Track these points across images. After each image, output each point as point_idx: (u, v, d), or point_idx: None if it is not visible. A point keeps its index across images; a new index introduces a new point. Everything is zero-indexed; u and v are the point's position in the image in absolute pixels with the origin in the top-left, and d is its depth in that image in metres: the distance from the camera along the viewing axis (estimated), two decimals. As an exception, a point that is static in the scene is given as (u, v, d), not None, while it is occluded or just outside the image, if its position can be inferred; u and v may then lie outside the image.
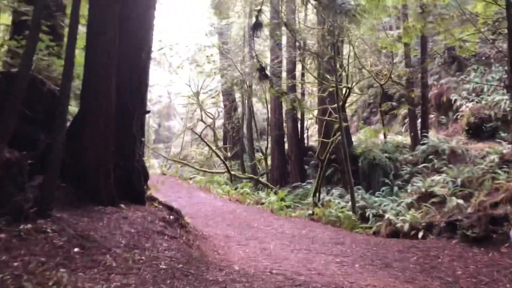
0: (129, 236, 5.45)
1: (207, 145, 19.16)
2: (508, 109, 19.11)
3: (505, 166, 15.55)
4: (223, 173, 18.76)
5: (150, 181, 12.90)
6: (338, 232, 9.97)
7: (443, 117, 22.07)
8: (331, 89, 15.57)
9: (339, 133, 15.92)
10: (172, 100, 28.92)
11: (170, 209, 7.71)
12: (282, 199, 16.24)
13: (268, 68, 19.11)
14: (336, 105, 15.77)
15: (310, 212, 11.91)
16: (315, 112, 18.43)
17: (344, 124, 13.91)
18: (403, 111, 24.51)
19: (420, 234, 14.77)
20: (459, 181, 15.87)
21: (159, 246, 5.44)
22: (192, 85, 26.59)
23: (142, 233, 5.72)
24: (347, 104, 18.99)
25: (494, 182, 15.34)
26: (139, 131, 7.57)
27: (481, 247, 7.46)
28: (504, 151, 15.88)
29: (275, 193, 17.52)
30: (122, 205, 6.74)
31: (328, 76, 15.81)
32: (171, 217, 7.18)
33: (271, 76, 14.13)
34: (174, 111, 34.08)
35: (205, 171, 19.45)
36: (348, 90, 15.74)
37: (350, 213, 11.76)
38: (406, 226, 15.00)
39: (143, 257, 4.80)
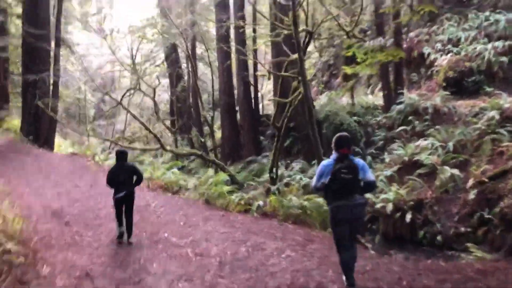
0: None
1: (133, 116, 14.14)
2: (493, 59, 14.70)
3: (508, 125, 11.07)
4: (156, 149, 13.76)
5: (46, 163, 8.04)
6: (307, 244, 5.22)
7: (414, 74, 17.69)
8: (286, 32, 10.61)
9: (299, 91, 11.12)
10: (112, 70, 23.40)
11: None
12: (231, 180, 11.43)
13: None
14: (295, 55, 10.99)
15: (261, 203, 7.15)
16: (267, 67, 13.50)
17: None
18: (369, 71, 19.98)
19: (408, 217, 10.43)
20: (450, 145, 11.36)
21: None
22: (134, 53, 21.21)
23: None
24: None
25: (494, 145, 10.94)
26: None
27: None
28: (505, 106, 11.37)
29: (223, 171, 12.71)
30: None
31: (283, 17, 10.86)
32: None
33: None
34: (117, 83, 28.53)
35: (134, 149, 14.42)
36: (309, 35, 10.83)
37: (320, 199, 7.04)
38: (389, 207, 10.66)
39: None
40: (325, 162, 4.19)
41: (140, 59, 22.82)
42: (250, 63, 19.88)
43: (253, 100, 18.69)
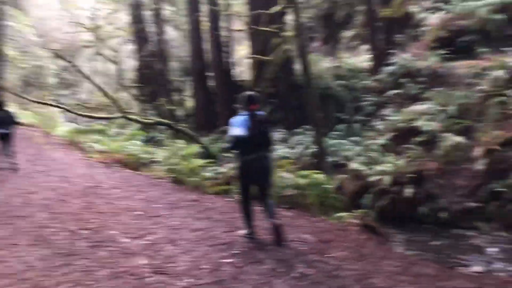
0: None
1: (87, 78, 12.02)
2: (487, 17, 13.21)
3: (516, 85, 9.61)
4: (114, 118, 11.77)
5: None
6: (324, 249, 3.52)
7: (399, 35, 15.89)
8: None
9: (281, 48, 9.33)
10: (69, 32, 20.89)
11: None
12: (205, 153, 9.65)
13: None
14: (275, 7, 9.23)
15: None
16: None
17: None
18: (350, 33, 18.31)
19: (408, 191, 9.07)
20: (452, 109, 9.86)
21: None
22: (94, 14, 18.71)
23: None
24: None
25: (502, 109, 9.57)
26: None
27: None
28: (512, 64, 9.90)
29: (196, 142, 10.90)
30: None
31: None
32: None
33: None
34: (79, 50, 25.84)
35: (90, 117, 12.38)
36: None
37: (320, 176, 5.39)
38: (387, 179, 9.15)
39: None
40: (239, 118, 4.13)
41: (102, 22, 20.45)
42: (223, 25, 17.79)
43: (227, 64, 16.71)
